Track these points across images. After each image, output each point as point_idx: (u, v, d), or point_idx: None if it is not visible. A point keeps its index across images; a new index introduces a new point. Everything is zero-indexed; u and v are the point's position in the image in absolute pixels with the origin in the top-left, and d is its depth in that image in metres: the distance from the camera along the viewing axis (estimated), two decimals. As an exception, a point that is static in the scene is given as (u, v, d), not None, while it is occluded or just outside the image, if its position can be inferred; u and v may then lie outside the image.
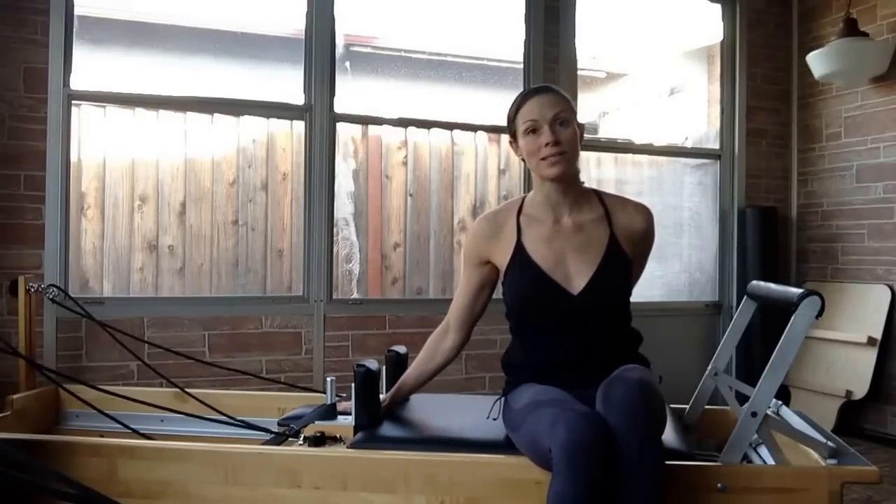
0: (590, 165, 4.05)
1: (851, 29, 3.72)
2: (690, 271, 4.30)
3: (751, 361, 3.90)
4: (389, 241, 3.64)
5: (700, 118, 4.40)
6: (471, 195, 3.78)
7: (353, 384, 1.88)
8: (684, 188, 4.30)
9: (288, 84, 3.44)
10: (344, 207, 3.54)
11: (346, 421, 1.93)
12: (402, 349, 2.21)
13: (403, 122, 3.66)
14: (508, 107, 1.82)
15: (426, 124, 3.70)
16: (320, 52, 3.42)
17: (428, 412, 2.04)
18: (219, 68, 3.51)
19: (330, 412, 2.00)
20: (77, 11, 3.08)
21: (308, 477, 1.70)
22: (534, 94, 1.77)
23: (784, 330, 1.66)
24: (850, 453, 1.66)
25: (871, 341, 3.67)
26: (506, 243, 1.81)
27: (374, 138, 3.62)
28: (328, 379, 2.07)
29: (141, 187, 3.25)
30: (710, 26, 4.28)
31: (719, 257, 4.26)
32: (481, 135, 3.80)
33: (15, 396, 2.40)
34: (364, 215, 3.59)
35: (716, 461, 1.67)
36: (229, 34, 3.53)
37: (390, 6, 3.81)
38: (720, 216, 4.25)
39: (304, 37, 3.43)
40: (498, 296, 1.89)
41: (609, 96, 4.68)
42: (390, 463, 1.69)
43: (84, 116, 3.15)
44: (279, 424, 2.13)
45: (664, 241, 4.21)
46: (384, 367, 2.12)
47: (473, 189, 3.79)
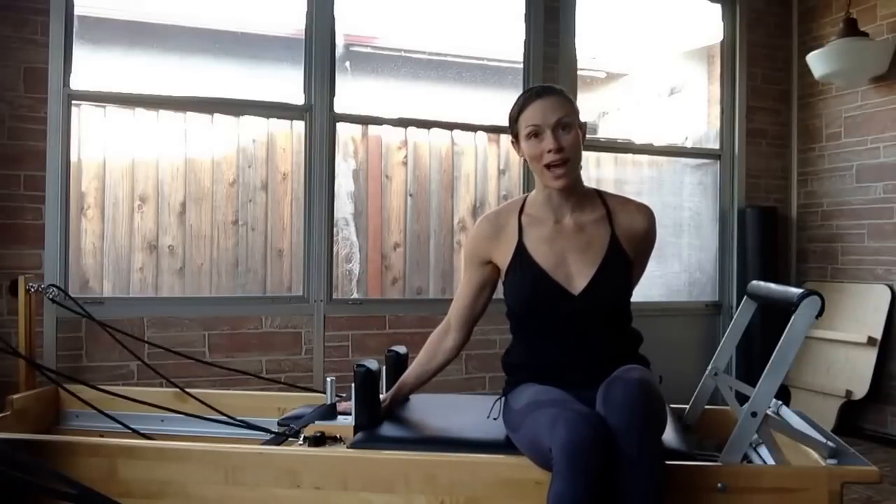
0: (590, 165, 4.05)
1: (851, 29, 3.72)
2: (690, 271, 4.30)
3: (751, 361, 3.90)
4: (389, 241, 3.64)
5: (700, 118, 4.40)
6: (471, 195, 3.78)
7: (353, 384, 1.89)
8: (684, 188, 4.30)
9: (288, 84, 3.44)
10: (344, 207, 3.54)
11: (346, 421, 1.93)
12: (402, 349, 2.21)
13: (403, 122, 3.66)
14: (510, 106, 1.81)
15: (426, 124, 3.70)
16: (320, 52, 3.42)
17: (428, 412, 2.04)
18: (219, 68, 3.51)
19: (330, 412, 2.00)
20: (77, 11, 3.08)
21: (308, 477, 1.70)
22: (536, 96, 1.75)
23: (784, 330, 1.66)
24: (850, 453, 1.66)
25: (871, 341, 3.67)
26: (507, 243, 1.81)
27: (374, 138, 3.62)
28: (328, 379, 2.07)
29: (141, 187, 3.25)
30: (710, 26, 4.28)
31: (719, 257, 4.26)
32: (481, 135, 3.80)
33: (15, 396, 2.40)
34: (364, 215, 3.59)
35: (716, 461, 1.67)
36: (229, 34, 3.53)
37: (390, 6, 3.81)
38: (720, 216, 4.25)
39: (304, 37, 3.43)
40: (498, 296, 1.89)
41: (609, 96, 4.68)
42: (390, 463, 1.69)
43: (84, 116, 3.15)
44: (279, 424, 2.13)
45: (664, 241, 4.21)
46: (384, 367, 2.12)
47: (473, 189, 3.79)
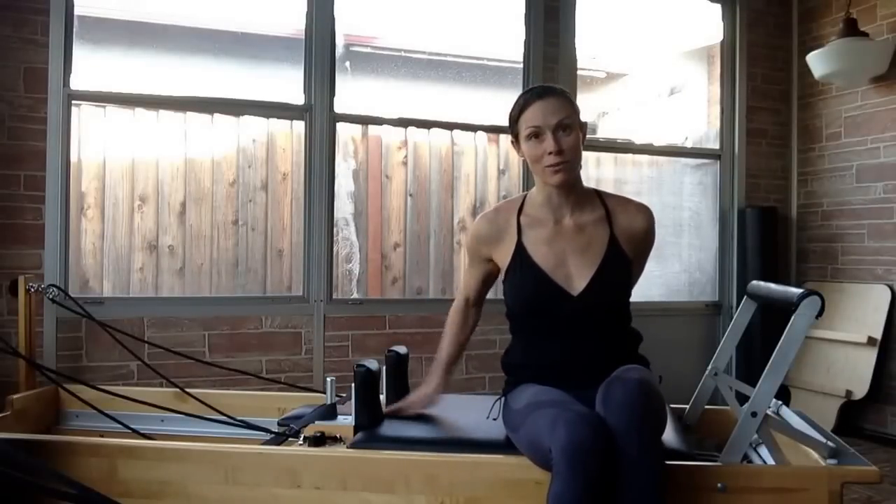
0: (590, 165, 4.04)
1: (851, 29, 3.71)
2: (690, 271, 4.30)
3: (751, 361, 3.90)
4: (389, 241, 3.64)
5: (700, 118, 4.39)
6: (471, 195, 3.78)
7: (353, 384, 1.89)
8: (684, 188, 4.30)
9: (288, 84, 3.44)
10: (344, 207, 3.54)
11: (346, 421, 1.93)
12: (402, 349, 2.20)
13: (403, 122, 3.66)
14: (510, 106, 1.81)
15: (426, 124, 3.70)
16: (320, 52, 3.42)
17: (428, 412, 2.04)
18: (219, 68, 3.51)
19: (330, 412, 2.00)
20: (77, 11, 3.08)
21: (308, 477, 1.70)
22: (537, 97, 1.74)
23: (784, 330, 1.66)
24: (850, 453, 1.66)
25: (871, 341, 3.67)
26: (507, 244, 1.81)
27: (374, 138, 3.62)
28: (328, 379, 2.07)
29: (141, 187, 3.25)
30: (710, 26, 4.28)
31: (719, 257, 4.26)
32: (481, 135, 3.80)
33: (15, 396, 2.40)
34: (364, 215, 3.59)
35: (716, 461, 1.67)
36: (229, 34, 3.53)
37: (390, 6, 3.81)
38: (720, 216, 4.25)
39: (304, 37, 3.43)
40: (498, 296, 1.88)
41: (609, 96, 4.67)
42: (390, 463, 1.69)
43: (84, 116, 3.15)
44: (279, 424, 2.14)
45: (664, 241, 4.21)
46: (384, 367, 2.12)
47: (473, 189, 3.79)
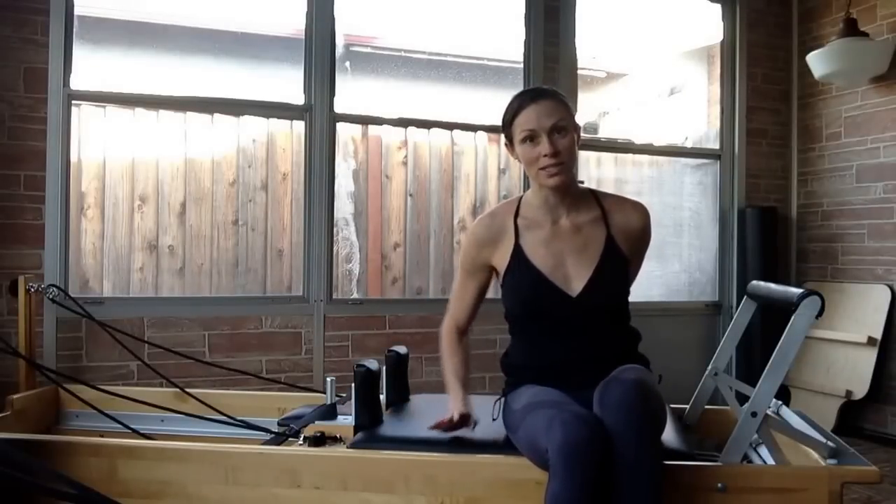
0: (590, 165, 4.05)
1: (851, 29, 3.71)
2: (690, 271, 4.30)
3: (751, 361, 3.90)
4: (389, 241, 3.64)
5: (700, 118, 4.39)
6: (471, 195, 3.78)
7: (353, 384, 1.89)
8: (684, 188, 4.30)
9: (288, 84, 3.44)
10: (344, 207, 3.54)
11: (346, 421, 1.93)
12: (402, 349, 2.21)
13: (403, 122, 3.66)
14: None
15: (426, 124, 3.70)
16: (320, 52, 3.42)
17: (428, 412, 2.04)
18: (219, 68, 3.51)
19: (330, 412, 2.00)
20: (77, 11, 3.08)
21: (308, 477, 1.71)
22: (530, 101, 1.73)
23: (784, 330, 1.66)
24: (850, 453, 1.66)
25: (871, 341, 3.67)
26: (505, 246, 1.80)
27: (374, 138, 3.62)
28: (328, 379, 2.07)
29: (141, 187, 3.25)
30: (710, 26, 4.28)
31: (719, 257, 4.26)
32: (481, 135, 3.80)
33: (15, 396, 2.40)
34: (364, 215, 3.59)
35: (716, 461, 1.67)
36: (229, 34, 3.53)
37: (390, 6, 3.81)
38: (720, 216, 4.25)
39: (304, 37, 3.43)
40: (497, 296, 1.88)
41: (609, 96, 4.68)
42: (390, 463, 1.69)
43: (84, 116, 3.15)
44: (279, 424, 2.14)
45: (664, 241, 4.21)
46: (384, 367, 2.12)
47: (473, 189, 3.79)
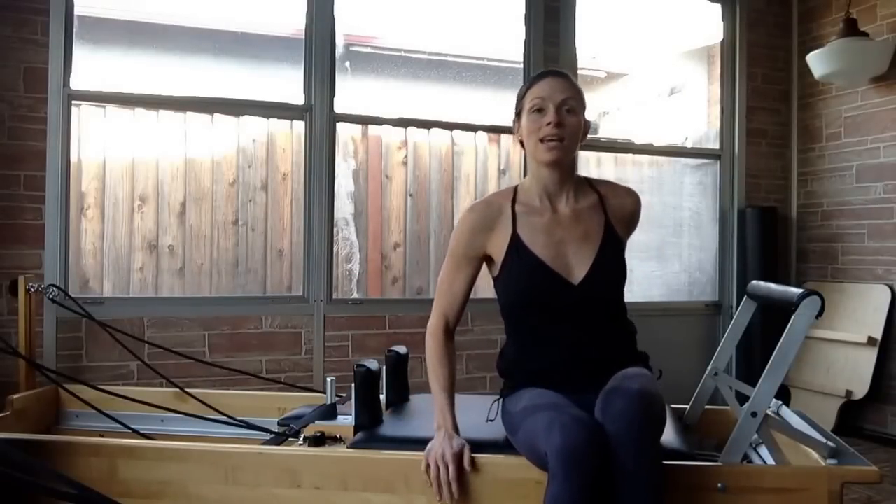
0: (590, 165, 4.05)
1: (851, 29, 3.72)
2: (690, 271, 4.30)
3: (751, 361, 3.90)
4: (389, 241, 3.64)
5: (700, 118, 4.39)
6: (471, 195, 3.78)
7: (353, 384, 1.88)
8: (684, 188, 4.30)
9: (288, 84, 3.44)
10: (344, 207, 3.54)
11: (346, 421, 1.93)
12: (402, 349, 2.21)
13: (403, 122, 3.66)
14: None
15: (426, 124, 3.70)
16: (320, 52, 3.42)
17: (428, 412, 2.04)
18: (219, 68, 3.51)
19: (330, 412, 2.00)
20: (77, 11, 3.08)
21: (308, 477, 1.70)
22: (549, 74, 1.77)
23: (784, 330, 1.66)
24: (850, 453, 1.66)
25: (871, 341, 3.67)
26: (501, 234, 1.75)
27: (374, 138, 3.62)
28: (328, 379, 2.07)
29: (141, 187, 3.25)
30: (710, 26, 4.28)
31: (719, 257, 4.26)
32: (481, 135, 3.80)
33: (15, 396, 2.40)
34: (364, 215, 3.59)
35: (716, 461, 1.67)
36: (229, 34, 3.53)
37: (390, 6, 3.81)
38: (720, 216, 4.25)
39: (304, 37, 3.43)
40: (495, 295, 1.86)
41: (609, 96, 4.68)
42: (390, 463, 1.69)
43: (84, 116, 3.15)
44: (279, 424, 2.14)
45: (664, 241, 4.21)
46: (384, 367, 2.12)
47: (473, 189, 3.79)
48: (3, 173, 2.94)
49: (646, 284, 4.07)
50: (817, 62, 3.81)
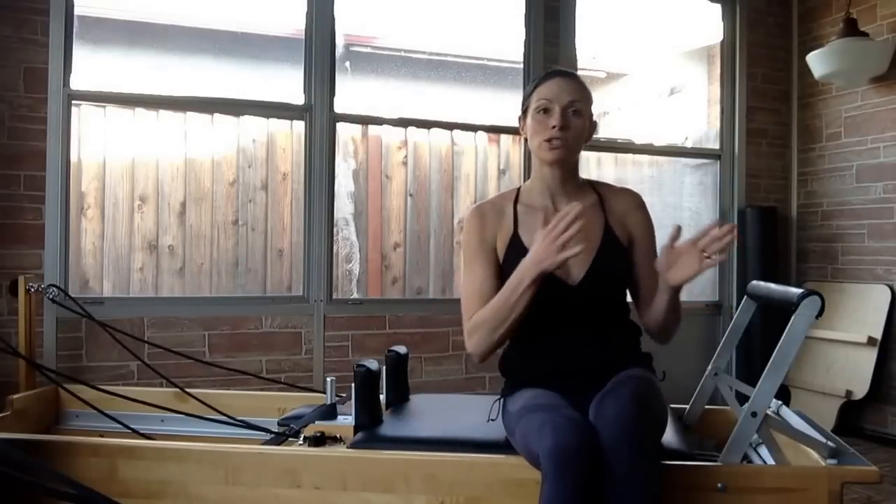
0: (590, 165, 4.04)
1: (851, 29, 3.72)
2: (690, 271, 4.29)
3: (751, 361, 3.90)
4: (389, 241, 3.64)
5: (700, 118, 4.39)
6: (471, 195, 3.78)
7: (353, 384, 1.89)
8: (684, 188, 4.30)
9: (288, 84, 3.44)
10: (344, 207, 3.54)
11: (346, 421, 1.93)
12: (402, 349, 2.21)
13: (403, 122, 3.66)
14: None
15: (426, 124, 3.70)
16: (320, 52, 3.42)
17: (428, 412, 2.04)
18: (219, 68, 3.51)
19: (330, 412, 2.00)
20: (77, 11, 3.08)
21: (308, 477, 1.70)
22: (557, 75, 1.77)
23: (784, 330, 1.66)
24: (850, 453, 1.66)
25: (871, 341, 3.67)
26: (504, 232, 1.77)
27: (374, 138, 3.62)
28: (328, 379, 2.07)
29: (141, 187, 3.25)
30: (710, 26, 4.28)
31: (719, 257, 4.25)
32: (481, 135, 3.79)
33: (15, 396, 2.40)
34: (364, 215, 3.59)
35: (716, 461, 1.67)
36: (229, 34, 3.53)
37: (390, 6, 3.81)
38: (720, 216, 4.25)
39: (304, 37, 3.43)
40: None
41: (609, 96, 4.68)
42: (390, 463, 1.69)
43: (84, 116, 3.15)
44: (279, 424, 2.14)
45: (664, 241, 4.20)
46: (384, 367, 2.12)
47: (473, 189, 3.79)
48: (3, 173, 2.94)
49: (646, 284, 4.06)
50: (817, 62, 3.81)
